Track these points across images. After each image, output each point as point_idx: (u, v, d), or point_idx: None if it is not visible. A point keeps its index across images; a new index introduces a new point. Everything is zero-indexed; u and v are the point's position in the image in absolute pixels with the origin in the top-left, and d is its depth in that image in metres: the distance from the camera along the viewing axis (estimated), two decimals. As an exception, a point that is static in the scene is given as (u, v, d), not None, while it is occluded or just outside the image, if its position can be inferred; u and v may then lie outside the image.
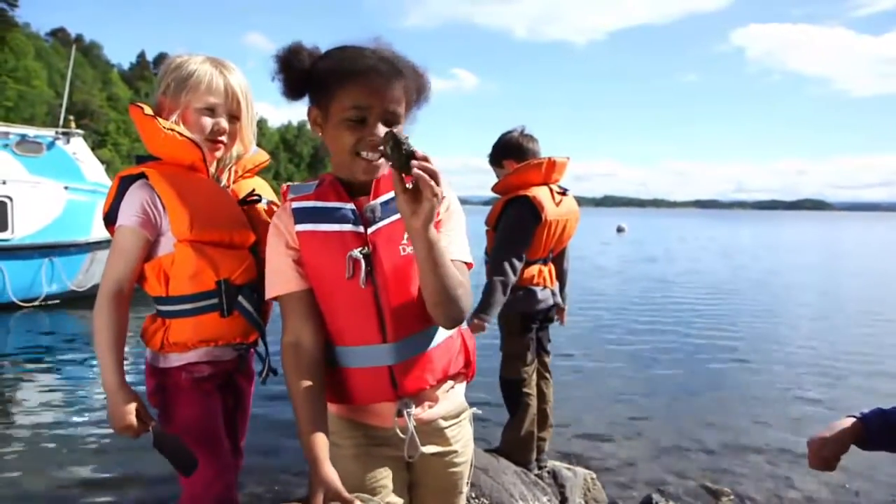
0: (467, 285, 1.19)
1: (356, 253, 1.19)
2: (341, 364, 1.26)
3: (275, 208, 1.55)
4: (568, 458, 3.59)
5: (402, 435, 1.27)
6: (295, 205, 1.25)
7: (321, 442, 1.16)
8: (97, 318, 1.37)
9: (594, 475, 3.24)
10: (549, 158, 2.78)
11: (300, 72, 1.21)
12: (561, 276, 3.06)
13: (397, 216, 1.18)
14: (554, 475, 2.95)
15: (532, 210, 2.69)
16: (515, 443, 2.91)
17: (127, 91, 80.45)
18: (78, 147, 9.95)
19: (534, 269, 2.82)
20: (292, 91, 1.24)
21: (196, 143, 1.43)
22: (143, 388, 1.49)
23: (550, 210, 2.73)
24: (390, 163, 1.03)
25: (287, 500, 3.00)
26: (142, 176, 1.43)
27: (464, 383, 1.41)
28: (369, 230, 1.22)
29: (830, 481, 3.68)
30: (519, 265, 2.68)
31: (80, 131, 10.23)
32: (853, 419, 1.34)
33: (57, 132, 9.70)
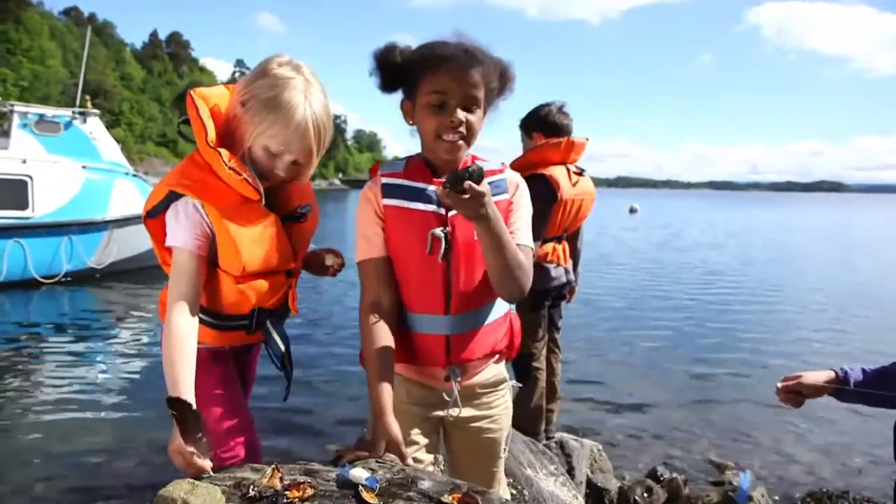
0: (526, 266, 1.32)
1: (438, 231, 1.32)
2: (407, 327, 1.40)
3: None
4: (576, 431, 3.68)
5: (447, 397, 1.42)
6: (385, 180, 1.37)
7: (387, 395, 1.27)
8: (171, 337, 1.30)
9: (600, 447, 3.32)
10: (569, 139, 2.82)
11: (393, 67, 1.31)
12: (574, 255, 3.12)
13: None
14: (561, 445, 3.03)
15: (548, 188, 2.74)
16: (525, 414, 2.99)
17: (140, 70, 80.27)
18: (94, 127, 10.10)
19: (548, 247, 2.87)
20: (386, 85, 1.34)
21: (255, 187, 1.36)
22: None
23: (566, 189, 2.78)
24: (448, 185, 1.13)
25: (301, 458, 3.10)
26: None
27: (503, 360, 1.54)
28: (450, 213, 1.33)
29: (833, 458, 3.76)
30: (534, 242, 2.74)
31: (96, 111, 10.38)
32: (832, 370, 1.47)
33: (74, 112, 9.84)
